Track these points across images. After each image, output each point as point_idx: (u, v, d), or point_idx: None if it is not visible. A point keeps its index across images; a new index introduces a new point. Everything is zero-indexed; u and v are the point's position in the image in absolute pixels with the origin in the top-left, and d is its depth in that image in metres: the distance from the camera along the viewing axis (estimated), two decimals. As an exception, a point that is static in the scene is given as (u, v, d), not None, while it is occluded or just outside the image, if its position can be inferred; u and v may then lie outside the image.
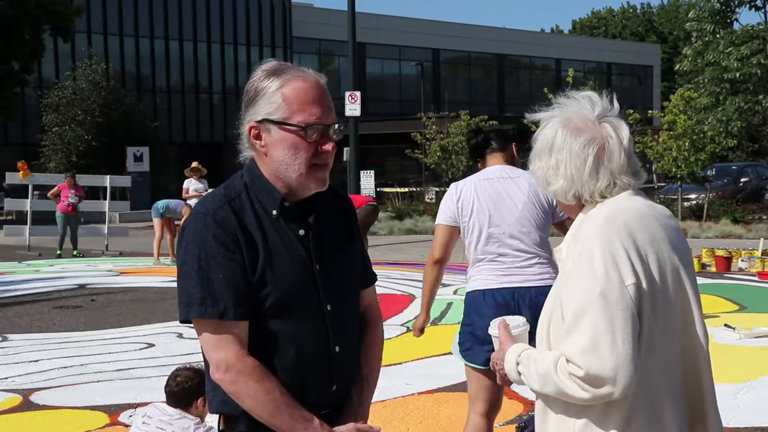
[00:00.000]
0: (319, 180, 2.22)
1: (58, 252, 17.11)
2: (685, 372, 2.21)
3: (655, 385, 2.13)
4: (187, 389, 4.00)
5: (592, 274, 2.06)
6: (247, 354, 2.15)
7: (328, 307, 2.24)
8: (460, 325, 4.30)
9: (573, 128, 2.23)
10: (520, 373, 2.22)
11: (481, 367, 4.05)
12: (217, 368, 2.15)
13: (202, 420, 4.02)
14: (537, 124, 2.36)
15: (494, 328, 2.42)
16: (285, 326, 2.19)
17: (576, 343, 2.04)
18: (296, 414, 2.15)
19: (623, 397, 2.04)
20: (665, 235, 2.19)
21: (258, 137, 2.21)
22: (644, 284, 2.08)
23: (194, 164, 17.10)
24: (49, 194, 17.64)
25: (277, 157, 2.19)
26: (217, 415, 2.30)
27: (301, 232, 2.23)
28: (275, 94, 2.17)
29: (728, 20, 25.87)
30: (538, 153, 2.28)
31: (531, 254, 4.11)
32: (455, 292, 11.13)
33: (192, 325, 2.21)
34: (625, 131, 2.25)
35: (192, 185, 16.90)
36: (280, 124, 2.17)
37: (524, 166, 3.02)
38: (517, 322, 2.41)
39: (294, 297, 2.19)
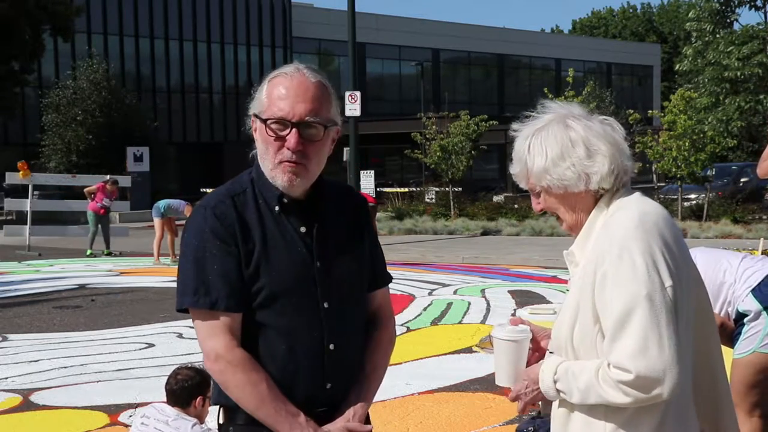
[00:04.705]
0: (287, 176, 2.19)
1: (89, 251, 17.09)
2: (700, 374, 2.18)
3: (683, 388, 2.09)
4: (186, 388, 3.98)
5: (634, 276, 2.01)
6: (237, 345, 2.19)
7: (326, 305, 2.24)
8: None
9: (577, 116, 2.19)
10: (559, 391, 2.12)
11: None
12: (208, 357, 2.20)
13: (201, 420, 3.99)
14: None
15: (499, 331, 2.26)
16: (278, 320, 2.21)
17: (625, 348, 1.99)
18: (281, 408, 2.17)
19: (671, 398, 2.01)
20: (680, 234, 2.17)
21: (255, 132, 2.26)
22: (678, 286, 2.05)
23: None
24: (85, 190, 17.59)
25: (259, 152, 2.25)
26: (218, 408, 2.32)
27: (302, 229, 2.24)
28: (262, 91, 2.24)
29: (728, 20, 25.84)
30: (559, 157, 2.15)
31: None
32: (455, 292, 11.13)
33: (192, 324, 2.24)
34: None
35: None
36: (257, 117, 2.23)
37: None
38: (523, 328, 2.27)
39: (288, 292, 2.21)
